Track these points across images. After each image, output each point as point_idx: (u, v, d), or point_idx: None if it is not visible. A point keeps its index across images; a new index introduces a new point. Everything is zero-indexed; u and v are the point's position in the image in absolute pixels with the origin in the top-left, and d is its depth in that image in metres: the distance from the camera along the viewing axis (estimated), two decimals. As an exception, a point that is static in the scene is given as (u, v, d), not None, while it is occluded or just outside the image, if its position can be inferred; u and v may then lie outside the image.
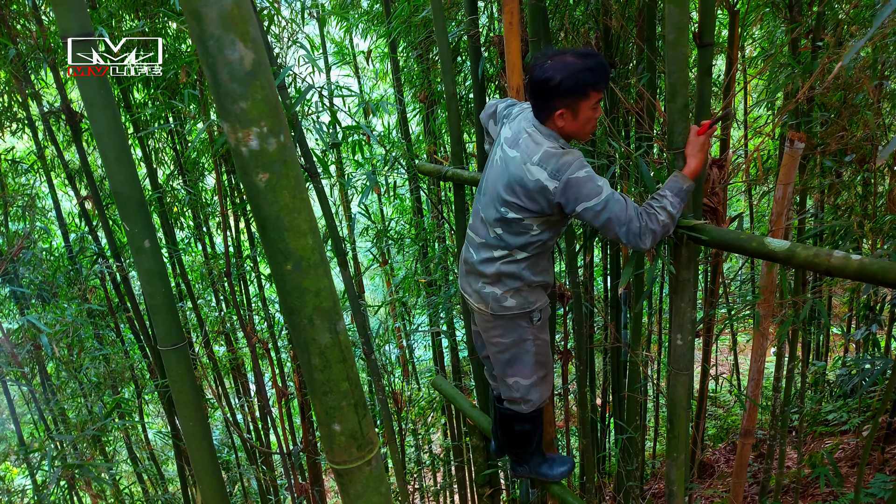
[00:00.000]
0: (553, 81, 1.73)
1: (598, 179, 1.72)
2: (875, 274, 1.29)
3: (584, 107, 1.78)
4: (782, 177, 2.11)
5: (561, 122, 1.81)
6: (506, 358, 2.14)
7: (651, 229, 1.67)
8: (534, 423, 2.30)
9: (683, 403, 1.91)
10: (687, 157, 1.70)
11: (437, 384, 3.26)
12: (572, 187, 1.73)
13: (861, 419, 4.61)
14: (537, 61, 1.80)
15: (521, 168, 1.82)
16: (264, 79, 0.87)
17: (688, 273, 1.79)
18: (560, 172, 1.74)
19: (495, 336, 2.12)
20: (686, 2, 1.54)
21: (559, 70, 1.72)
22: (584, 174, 1.73)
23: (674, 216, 1.68)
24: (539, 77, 1.77)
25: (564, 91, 1.74)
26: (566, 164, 1.74)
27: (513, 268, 1.98)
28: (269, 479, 4.99)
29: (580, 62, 1.72)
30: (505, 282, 2.01)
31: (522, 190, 1.83)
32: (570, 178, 1.72)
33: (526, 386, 2.17)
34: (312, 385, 1.06)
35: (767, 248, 1.49)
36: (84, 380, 4.10)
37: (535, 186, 1.78)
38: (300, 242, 0.96)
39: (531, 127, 1.87)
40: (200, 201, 4.32)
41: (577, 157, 1.76)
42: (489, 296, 2.04)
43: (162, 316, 1.68)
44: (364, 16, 5.17)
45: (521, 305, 2.04)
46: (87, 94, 1.51)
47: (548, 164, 1.77)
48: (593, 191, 1.71)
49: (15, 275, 3.66)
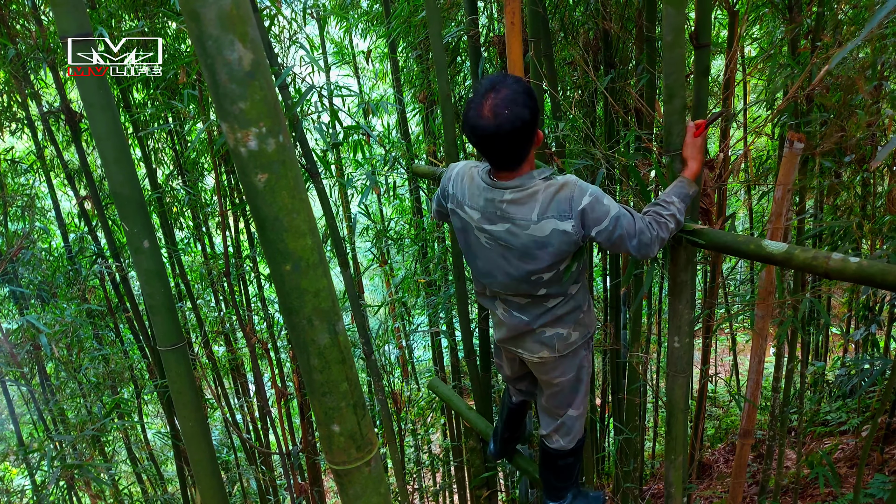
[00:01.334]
0: (527, 116, 1.57)
1: (602, 197, 1.65)
2: (874, 276, 1.28)
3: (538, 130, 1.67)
4: (781, 177, 2.11)
5: (530, 155, 1.69)
6: (563, 394, 2.05)
7: (661, 238, 1.64)
8: (576, 456, 2.21)
9: (681, 405, 1.91)
10: (686, 160, 1.68)
11: (433, 386, 3.26)
12: (586, 215, 1.64)
13: (860, 420, 4.61)
14: (477, 115, 1.57)
15: (528, 235, 1.69)
16: (263, 79, 0.87)
17: (685, 275, 1.79)
18: (568, 210, 1.64)
19: (556, 377, 2.00)
20: (684, 3, 1.54)
21: (516, 104, 1.55)
22: (590, 198, 1.63)
23: (680, 223, 1.65)
24: (508, 125, 1.55)
25: (535, 118, 1.61)
26: (568, 199, 1.64)
27: (571, 304, 1.88)
28: (268, 479, 4.99)
29: (514, 85, 1.58)
30: (566, 319, 1.89)
31: (545, 251, 1.70)
32: (581, 209, 1.63)
33: (575, 416, 2.09)
34: (312, 386, 1.06)
35: (765, 250, 1.49)
36: (83, 380, 4.10)
37: (556, 238, 1.66)
38: (299, 243, 0.95)
39: (502, 193, 1.70)
40: (200, 201, 4.32)
41: (574, 183, 1.66)
42: (554, 338, 1.91)
43: (161, 316, 1.68)
44: (364, 16, 5.17)
45: (583, 335, 1.96)
46: (86, 94, 1.51)
47: (550, 210, 1.65)
48: (603, 212, 1.63)
49: (14, 275, 3.66)
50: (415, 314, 5.57)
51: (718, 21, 4.36)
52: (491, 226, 1.75)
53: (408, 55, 4.47)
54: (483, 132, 1.58)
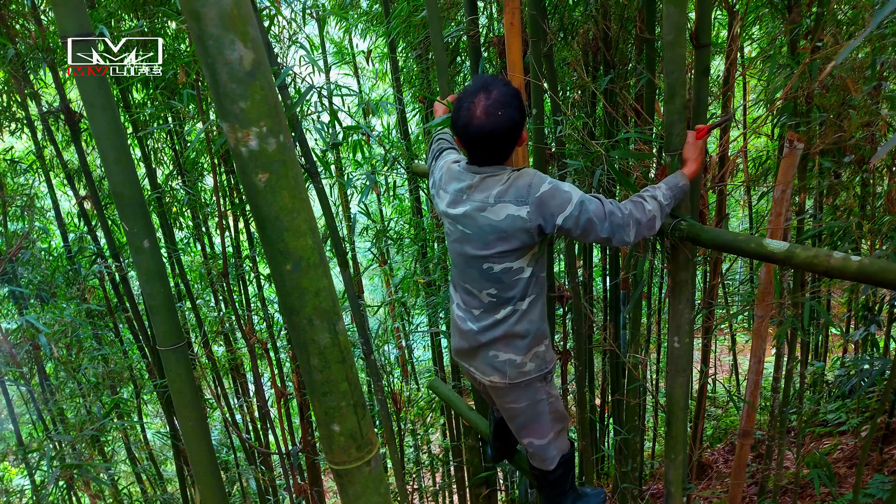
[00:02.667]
0: (517, 117, 1.65)
1: (563, 185, 1.64)
2: (875, 275, 1.29)
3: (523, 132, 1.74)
4: (781, 177, 2.11)
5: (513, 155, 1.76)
6: (521, 422, 2.01)
7: (636, 219, 1.60)
8: (565, 468, 2.16)
9: (681, 404, 1.91)
10: (686, 160, 1.67)
11: (433, 386, 3.26)
12: (544, 203, 1.63)
13: (859, 420, 4.61)
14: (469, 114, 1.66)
15: (483, 217, 1.71)
16: (264, 79, 0.87)
17: (685, 275, 1.79)
18: (526, 195, 1.64)
19: (509, 403, 1.97)
20: (685, 2, 1.54)
21: (505, 106, 1.63)
22: (550, 185, 1.64)
23: (663, 207, 1.62)
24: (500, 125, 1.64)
25: (523, 119, 1.68)
26: (527, 185, 1.65)
27: (523, 323, 1.83)
28: (267, 479, 4.99)
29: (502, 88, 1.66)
30: (518, 344, 1.85)
31: (497, 236, 1.70)
32: (538, 195, 1.63)
33: (542, 445, 2.04)
34: (312, 385, 1.06)
35: (766, 249, 1.48)
36: (83, 380, 4.09)
37: (509, 223, 1.67)
38: (299, 242, 0.95)
39: (473, 176, 1.76)
40: (199, 201, 4.32)
41: (534, 173, 1.68)
42: (506, 364, 1.87)
43: (161, 316, 1.68)
44: (363, 16, 5.17)
45: (539, 367, 1.91)
46: (86, 94, 1.51)
47: (508, 194, 1.67)
48: (565, 198, 1.62)
49: (14, 275, 3.66)
50: (414, 314, 5.57)
51: (718, 21, 4.36)
52: (454, 209, 1.80)
53: (407, 55, 4.47)
54: (477, 132, 1.66)
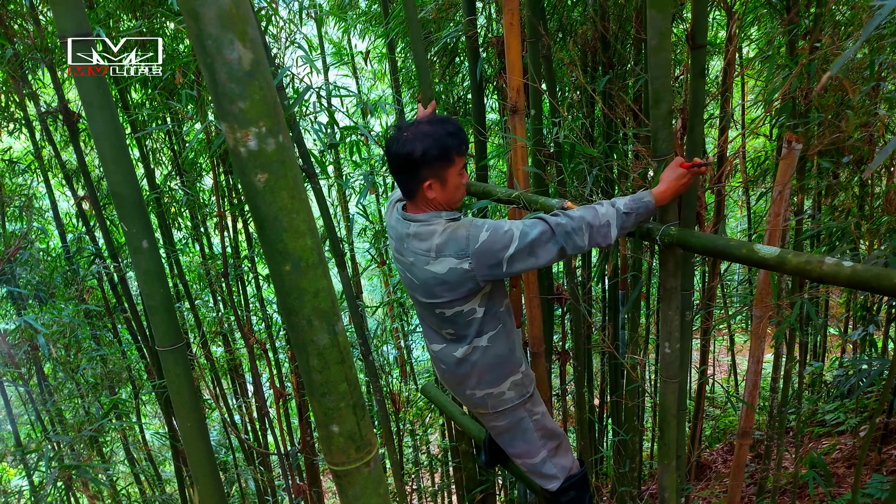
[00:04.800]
0: (416, 153, 1.63)
1: (500, 227, 1.60)
2: (868, 281, 1.27)
3: (451, 174, 1.68)
4: (779, 178, 2.11)
5: (431, 194, 1.69)
6: (507, 441, 2.00)
7: (587, 223, 1.57)
8: (577, 490, 2.09)
9: (673, 410, 1.90)
10: (661, 179, 1.63)
11: (426, 391, 3.25)
12: (486, 251, 1.59)
13: (858, 420, 4.62)
14: (392, 136, 1.70)
15: (425, 271, 1.70)
16: (263, 79, 0.87)
17: (675, 281, 1.77)
18: (465, 249, 1.61)
19: (492, 423, 1.98)
20: (669, 7, 1.52)
21: (419, 139, 1.63)
22: (487, 234, 1.59)
23: (620, 215, 1.58)
24: (399, 151, 1.65)
25: (430, 160, 1.64)
26: (465, 238, 1.62)
27: (488, 358, 1.82)
28: (266, 479, 4.99)
29: (439, 128, 1.64)
30: (487, 379, 1.85)
31: (443, 287, 1.69)
32: (477, 247, 1.60)
33: (535, 464, 2.01)
34: (311, 386, 1.06)
35: (757, 254, 1.46)
36: (81, 380, 4.09)
37: (453, 276, 1.65)
38: (299, 243, 0.95)
39: (408, 225, 1.75)
40: (198, 202, 4.32)
41: (470, 223, 1.64)
42: (485, 398, 1.89)
43: (160, 316, 1.68)
44: (362, 16, 5.17)
45: (520, 394, 1.91)
46: (84, 94, 1.51)
47: (447, 248, 1.64)
48: (506, 239, 1.58)
49: (12, 275, 3.65)
50: (413, 314, 5.57)
51: (716, 21, 4.37)
52: (400, 257, 1.82)
53: (406, 55, 4.47)
54: (387, 155, 1.72)
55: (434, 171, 1.66)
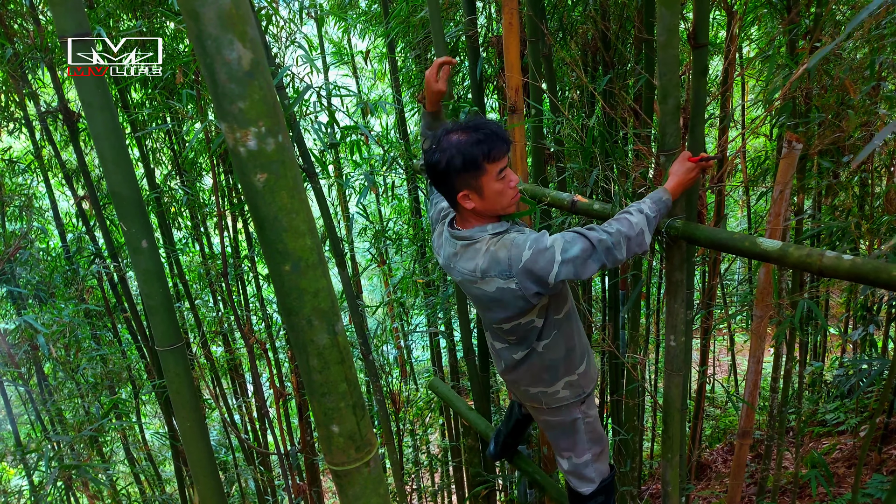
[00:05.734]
0: (441, 165, 1.60)
1: (543, 241, 1.56)
2: (867, 274, 1.28)
3: (485, 182, 1.60)
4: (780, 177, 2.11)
5: (469, 204, 1.64)
6: (555, 435, 2.01)
7: (625, 235, 1.56)
8: (606, 495, 2.10)
9: (678, 404, 1.91)
10: (670, 174, 1.66)
11: (433, 386, 3.26)
12: (529, 271, 1.56)
13: (858, 420, 4.62)
14: (428, 148, 1.67)
15: (476, 289, 1.69)
16: (262, 79, 0.87)
17: (680, 274, 1.79)
18: (508, 270, 1.58)
19: (542, 416, 1.99)
20: (678, 4, 1.54)
21: (444, 151, 1.59)
22: (529, 253, 1.56)
23: (650, 220, 1.60)
24: (428, 163, 1.65)
25: (456, 171, 1.59)
26: (506, 259, 1.58)
27: (545, 361, 1.81)
28: (266, 479, 4.99)
29: (466, 137, 1.58)
30: (545, 378, 1.85)
31: (496, 304, 1.67)
32: (520, 267, 1.56)
33: (580, 464, 2.02)
34: (311, 386, 1.06)
35: (760, 247, 1.49)
36: (81, 380, 4.09)
37: (503, 295, 1.63)
38: (298, 243, 0.95)
39: (454, 244, 1.72)
40: (198, 201, 4.32)
41: (511, 242, 1.60)
42: (539, 395, 1.90)
43: (160, 316, 1.68)
44: (362, 16, 5.17)
45: (575, 393, 1.89)
46: (84, 94, 1.51)
47: (491, 270, 1.61)
48: (547, 257, 1.55)
49: (12, 275, 3.65)
50: (413, 314, 5.57)
51: (717, 21, 4.37)
52: (451, 273, 1.80)
53: (406, 55, 4.47)
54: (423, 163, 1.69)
55: (465, 181, 1.61)
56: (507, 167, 1.64)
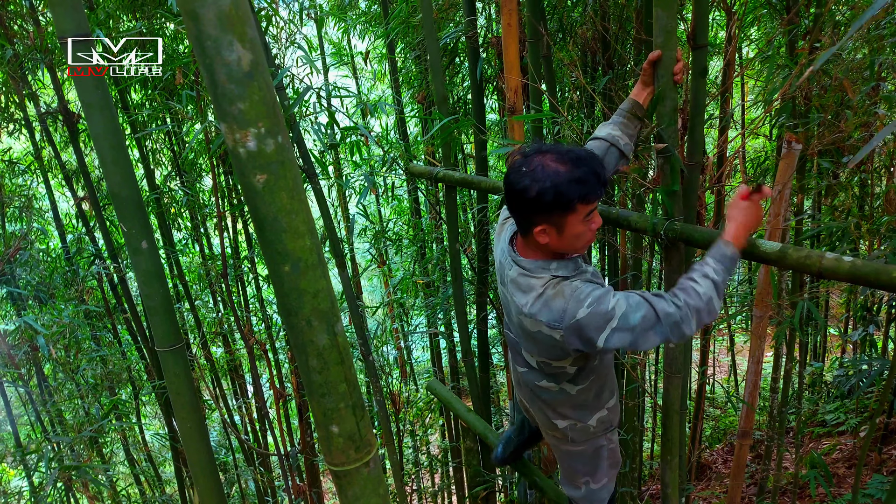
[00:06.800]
0: (528, 193, 1.41)
1: (603, 304, 1.40)
2: (867, 276, 1.28)
3: (570, 222, 1.44)
4: (779, 178, 2.11)
5: (543, 239, 1.47)
6: (573, 462, 1.91)
7: (694, 308, 1.40)
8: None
9: (677, 406, 1.90)
10: (727, 220, 1.49)
11: (432, 388, 3.26)
12: (580, 330, 1.42)
13: (858, 420, 4.61)
14: (514, 163, 1.47)
15: (519, 318, 1.55)
16: (262, 80, 0.87)
17: (678, 276, 1.78)
18: (559, 322, 1.44)
19: (564, 446, 1.87)
20: (674, 5, 1.54)
21: (537, 179, 1.40)
22: (587, 311, 1.40)
23: (717, 285, 1.42)
24: (513, 185, 1.44)
25: (544, 206, 1.41)
26: (560, 311, 1.43)
27: (573, 400, 1.70)
28: (266, 480, 4.99)
29: (565, 170, 1.39)
30: (574, 415, 1.74)
31: (532, 341, 1.56)
32: (572, 323, 1.41)
33: (596, 490, 1.94)
34: (310, 387, 1.06)
35: (759, 249, 1.48)
36: (81, 381, 4.09)
37: (543, 338, 1.50)
38: (298, 243, 0.95)
39: (512, 266, 1.57)
40: (198, 202, 4.32)
41: (571, 293, 1.44)
42: (567, 429, 1.79)
43: (159, 317, 1.68)
44: (362, 17, 5.17)
45: (604, 427, 1.80)
46: (84, 94, 1.51)
47: (541, 314, 1.47)
48: (605, 319, 1.40)
49: (12, 276, 3.65)
50: (413, 315, 5.57)
51: (716, 22, 4.37)
52: (502, 289, 1.68)
53: (406, 56, 4.48)
54: (504, 182, 1.51)
55: (548, 217, 1.43)
56: (596, 209, 1.48)
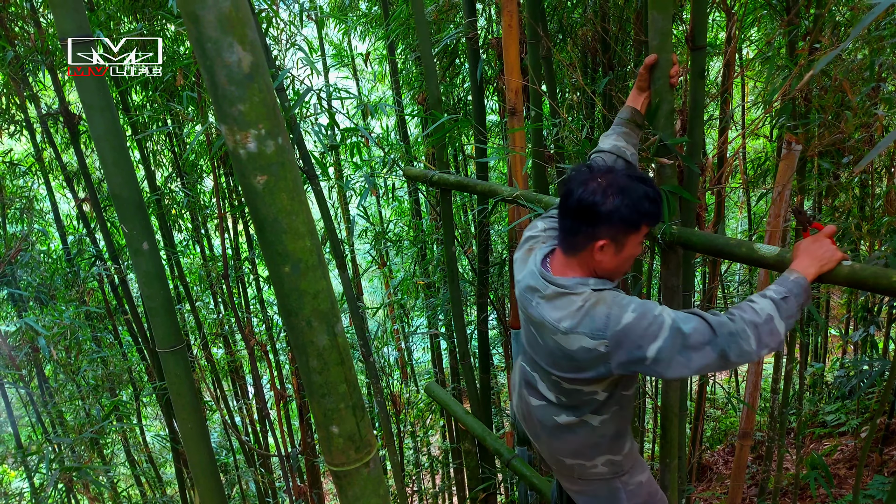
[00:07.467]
0: (605, 206, 1.38)
1: (649, 310, 1.35)
2: (866, 280, 1.27)
3: (631, 241, 1.44)
4: (780, 178, 2.11)
5: (599, 256, 1.44)
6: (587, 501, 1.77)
7: (751, 322, 1.32)
8: None
9: (676, 409, 1.90)
10: (797, 252, 1.41)
11: (430, 390, 3.25)
12: (627, 337, 1.34)
13: (859, 421, 4.61)
14: (577, 177, 1.45)
15: (553, 340, 1.47)
16: (262, 81, 0.87)
17: (676, 280, 1.78)
18: (602, 330, 1.37)
19: (574, 486, 1.76)
20: (670, 8, 1.54)
21: (613, 192, 1.38)
22: (632, 315, 1.35)
23: (778, 303, 1.34)
24: (584, 198, 1.40)
25: (618, 220, 1.39)
26: (603, 317, 1.37)
27: (592, 437, 1.60)
28: (267, 481, 4.99)
29: (638, 186, 1.39)
30: (587, 453, 1.63)
31: (569, 362, 1.46)
32: (618, 329, 1.35)
33: None
34: (311, 387, 1.06)
35: (757, 253, 1.47)
36: (82, 382, 4.09)
37: (583, 354, 1.41)
38: (298, 244, 0.96)
39: (547, 287, 1.49)
40: (199, 203, 4.32)
41: (612, 300, 1.40)
42: (574, 468, 1.68)
43: (160, 318, 1.68)
44: (362, 18, 5.18)
45: (614, 472, 1.67)
46: (85, 96, 1.51)
47: (583, 325, 1.40)
48: (654, 327, 1.33)
49: (13, 277, 3.66)
50: (414, 316, 5.57)
51: (716, 23, 4.37)
52: (527, 306, 1.59)
53: (407, 57, 4.48)
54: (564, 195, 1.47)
55: (615, 232, 1.41)
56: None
